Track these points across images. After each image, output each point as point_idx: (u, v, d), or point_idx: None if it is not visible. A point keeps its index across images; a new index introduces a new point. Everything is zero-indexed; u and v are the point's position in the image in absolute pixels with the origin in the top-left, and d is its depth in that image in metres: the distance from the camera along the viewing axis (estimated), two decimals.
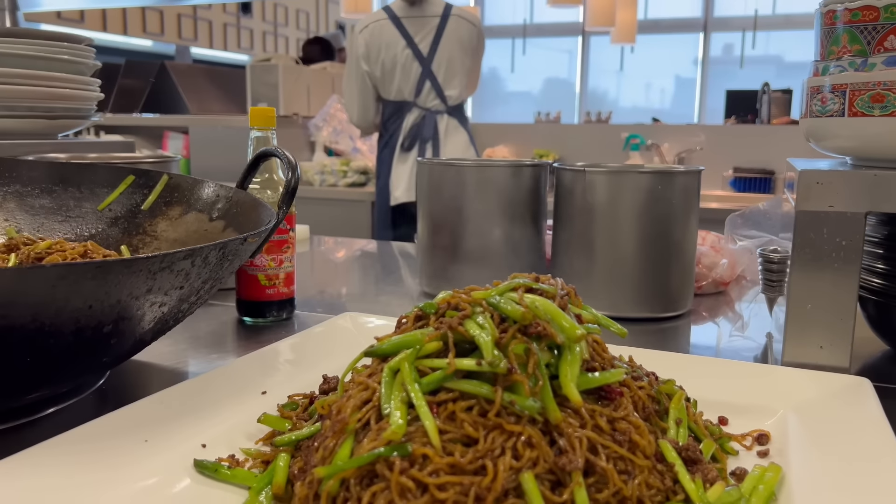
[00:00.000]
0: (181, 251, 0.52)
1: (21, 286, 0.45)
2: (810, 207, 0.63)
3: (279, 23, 7.47)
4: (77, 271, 0.47)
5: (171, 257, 0.52)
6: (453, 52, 2.56)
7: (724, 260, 1.12)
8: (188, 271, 0.55)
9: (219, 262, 0.59)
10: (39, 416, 0.60)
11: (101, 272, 0.48)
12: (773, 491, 0.46)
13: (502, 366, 0.40)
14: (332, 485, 0.38)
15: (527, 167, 1.05)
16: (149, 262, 0.50)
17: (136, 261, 0.50)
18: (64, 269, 0.47)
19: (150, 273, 0.51)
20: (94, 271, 0.48)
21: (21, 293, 0.46)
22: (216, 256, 0.57)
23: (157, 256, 0.51)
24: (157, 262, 0.51)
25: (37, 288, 0.46)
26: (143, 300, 0.53)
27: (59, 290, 0.47)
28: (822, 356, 0.65)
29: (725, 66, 7.60)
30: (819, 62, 0.70)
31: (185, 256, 0.53)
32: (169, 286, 0.54)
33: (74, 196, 0.88)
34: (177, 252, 0.52)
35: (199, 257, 0.55)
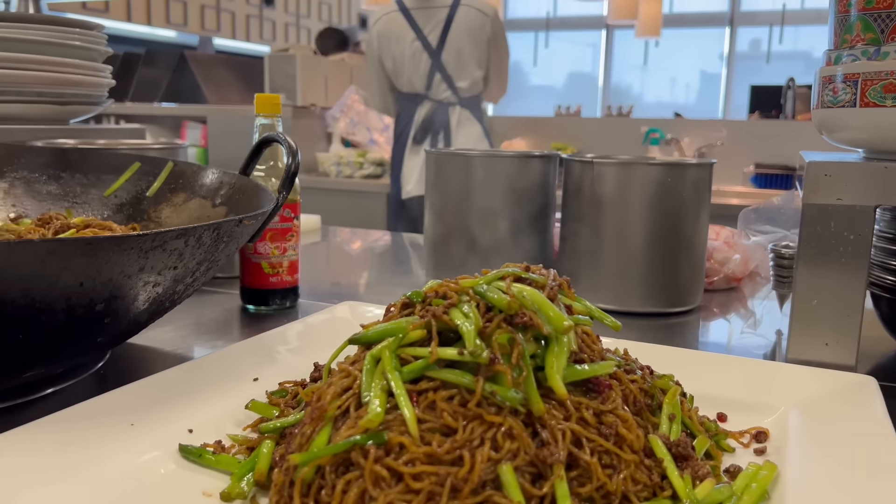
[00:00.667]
0: (173, 230, 0.52)
1: (10, 260, 0.45)
2: (818, 200, 0.61)
3: (301, 14, 7.48)
4: (67, 247, 0.47)
5: (162, 236, 0.51)
6: (462, 43, 2.52)
7: (737, 255, 1.10)
8: (181, 251, 0.55)
9: (213, 243, 0.58)
10: (38, 397, 0.60)
11: (92, 249, 0.48)
12: (767, 490, 0.45)
13: (484, 355, 0.39)
14: (306, 472, 0.37)
15: (535, 158, 1.03)
16: (140, 240, 0.50)
17: (127, 238, 0.49)
18: (54, 244, 0.47)
19: (141, 251, 0.51)
20: (84, 248, 0.48)
21: (10, 267, 0.45)
22: (210, 237, 0.57)
23: (148, 234, 0.50)
24: (148, 241, 0.51)
25: (26, 263, 0.46)
26: (136, 279, 0.53)
27: (50, 266, 0.47)
28: (827, 353, 0.63)
29: (752, 61, 7.50)
30: (832, 51, 0.68)
31: (177, 236, 0.53)
32: (162, 266, 0.54)
33: (81, 182, 0.88)
34: (169, 231, 0.52)
35: (192, 237, 0.54)
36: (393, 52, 2.64)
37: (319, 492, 0.37)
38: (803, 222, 0.62)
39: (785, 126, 3.16)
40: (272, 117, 0.92)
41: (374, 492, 0.35)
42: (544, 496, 0.38)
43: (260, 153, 0.83)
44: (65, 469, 0.43)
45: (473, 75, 2.56)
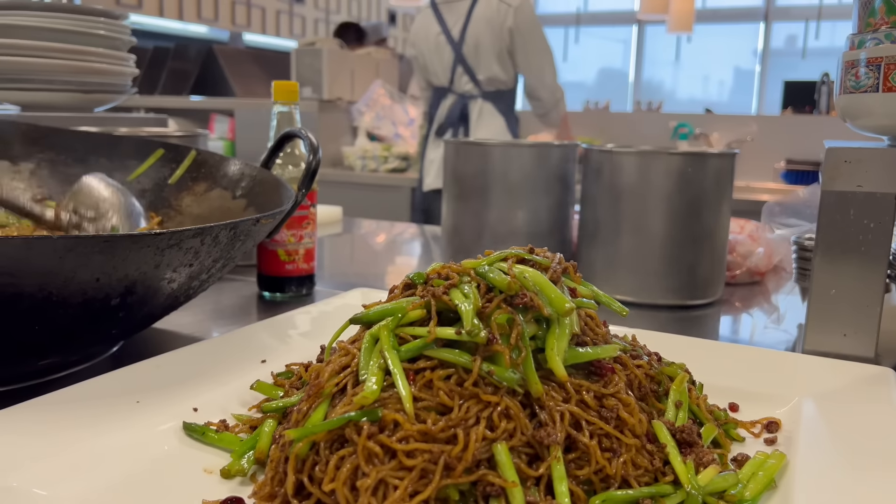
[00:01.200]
0: (190, 229, 0.52)
1: (28, 255, 0.46)
2: (837, 188, 0.59)
3: (331, 10, 7.52)
4: (84, 244, 0.47)
5: (179, 235, 0.51)
6: (481, 34, 2.49)
7: (761, 249, 1.08)
8: (198, 249, 0.55)
9: (230, 241, 0.58)
10: (53, 378, 0.61)
11: (109, 246, 0.48)
12: (773, 478, 0.44)
13: (482, 335, 0.39)
14: (301, 447, 0.37)
15: (554, 148, 1.02)
16: (157, 239, 0.50)
17: (143, 237, 0.50)
18: (72, 241, 0.47)
19: (157, 249, 0.51)
20: (101, 245, 0.48)
21: (28, 262, 0.46)
22: (227, 236, 0.57)
23: (165, 233, 0.50)
24: (165, 239, 0.51)
25: (44, 258, 0.47)
26: (152, 276, 0.53)
27: (67, 262, 0.47)
28: (845, 345, 0.61)
29: (787, 57, 7.36)
30: (855, 35, 0.66)
31: (194, 235, 0.53)
32: (178, 263, 0.54)
33: (105, 167, 0.89)
34: (185, 230, 0.52)
35: (209, 236, 0.55)
36: (421, 46, 2.65)
37: (314, 467, 0.37)
38: (822, 210, 0.60)
39: (818, 121, 3.09)
40: (290, 104, 0.92)
41: (367, 468, 0.35)
42: (540, 477, 0.37)
43: (282, 147, 0.83)
44: (69, 443, 0.44)
45: (492, 68, 2.53)
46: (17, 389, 0.58)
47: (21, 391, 0.58)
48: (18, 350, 0.53)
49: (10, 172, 0.87)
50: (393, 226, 1.66)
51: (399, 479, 0.35)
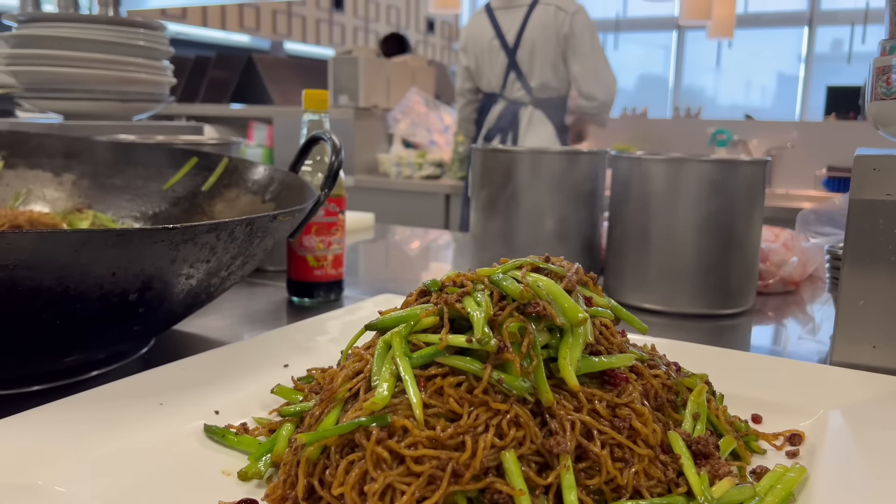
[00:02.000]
0: (204, 224, 0.53)
1: (44, 249, 0.47)
2: (866, 196, 0.58)
3: (370, 18, 7.59)
4: (98, 238, 0.49)
5: (193, 230, 0.53)
6: (536, 40, 2.50)
7: (794, 258, 1.06)
8: (213, 245, 0.56)
9: (247, 238, 0.59)
10: (83, 378, 0.62)
11: (122, 240, 0.50)
12: (792, 492, 0.43)
13: (492, 343, 0.39)
14: (312, 451, 0.38)
15: (583, 155, 1.02)
16: (170, 234, 0.52)
17: (156, 231, 0.51)
18: (85, 234, 0.48)
19: (172, 244, 0.52)
20: (115, 239, 0.50)
21: (45, 255, 0.48)
22: (243, 232, 0.58)
23: (178, 228, 0.52)
24: (178, 234, 0.52)
25: (60, 252, 0.48)
26: (168, 270, 0.55)
27: (82, 256, 0.49)
28: (874, 356, 0.60)
29: (832, 62, 7.21)
30: (887, 41, 0.64)
31: (208, 230, 0.54)
32: (195, 259, 0.55)
33: (142, 176, 0.92)
34: (200, 225, 0.53)
35: (224, 231, 0.56)
36: (474, 51, 2.67)
37: (324, 471, 0.38)
38: (850, 219, 0.59)
39: (861, 127, 3.02)
40: (320, 112, 0.93)
41: (375, 473, 0.36)
42: (549, 486, 0.37)
43: (308, 151, 0.84)
44: (93, 443, 0.45)
45: (545, 75, 2.53)
46: (48, 389, 0.60)
47: (51, 391, 0.60)
48: (42, 346, 0.55)
49: (54, 183, 0.90)
50: (428, 232, 1.67)
51: (406, 484, 0.35)
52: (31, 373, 0.59)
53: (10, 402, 0.53)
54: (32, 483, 0.41)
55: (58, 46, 1.08)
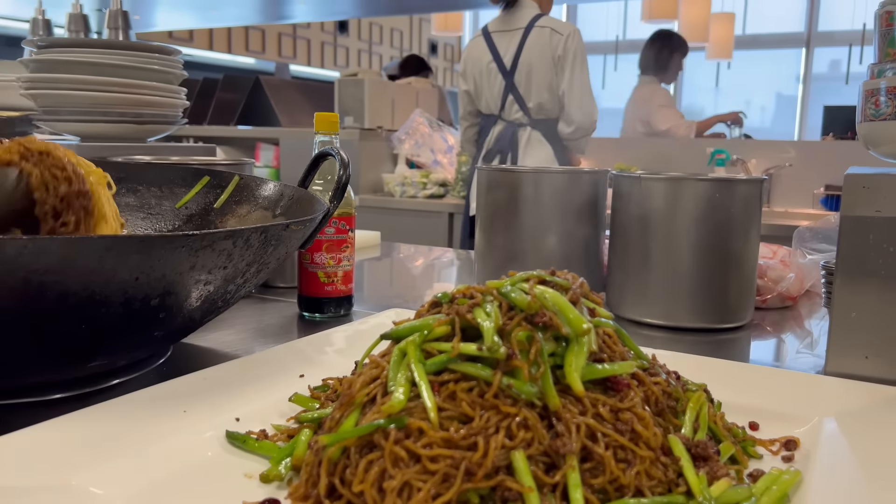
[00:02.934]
0: (222, 231, 0.56)
1: (71, 254, 0.50)
2: (856, 213, 0.61)
3: (374, 41, 7.69)
4: (122, 243, 0.52)
5: (211, 236, 0.55)
6: (532, 63, 2.55)
7: (791, 274, 1.08)
8: (230, 252, 0.59)
9: (262, 245, 0.62)
10: (105, 387, 0.65)
11: (145, 246, 0.53)
12: (787, 493, 0.45)
13: (501, 351, 0.42)
14: (333, 451, 0.40)
15: (585, 174, 1.05)
16: (190, 240, 0.54)
17: (177, 237, 0.54)
18: (110, 240, 0.51)
19: (191, 250, 0.55)
20: (138, 245, 0.52)
21: (72, 260, 0.50)
22: (258, 239, 0.61)
23: (197, 234, 0.54)
24: (198, 240, 0.55)
25: (86, 257, 0.51)
26: (188, 276, 0.57)
27: (107, 261, 0.52)
28: (867, 367, 0.62)
29: (830, 82, 7.27)
30: (875, 65, 0.68)
31: (226, 236, 0.57)
32: (212, 265, 0.58)
33: (156, 195, 0.95)
34: (217, 231, 0.56)
35: (240, 238, 0.59)
36: (473, 74, 2.72)
37: (345, 471, 0.40)
38: (841, 234, 0.62)
39: (859, 147, 3.05)
40: (330, 134, 0.97)
41: (393, 471, 0.38)
42: (556, 485, 0.40)
43: (317, 167, 0.87)
44: (123, 447, 0.48)
45: (542, 96, 2.58)
46: (70, 397, 0.62)
47: (73, 399, 0.62)
48: (68, 351, 0.57)
49: None
50: (431, 250, 1.70)
51: (423, 481, 0.38)
52: (55, 379, 0.62)
53: (34, 410, 0.55)
54: (67, 483, 0.43)
55: (76, 71, 1.12)
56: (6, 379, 0.59)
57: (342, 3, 4.92)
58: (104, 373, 0.65)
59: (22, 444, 0.46)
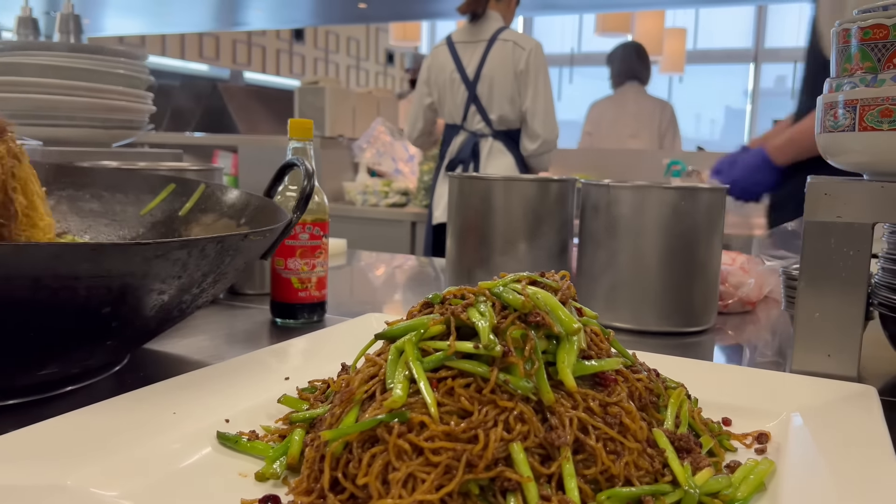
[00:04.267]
0: (176, 241, 0.55)
1: (19, 261, 0.49)
2: (818, 218, 0.64)
3: (330, 49, 7.67)
4: (72, 251, 0.51)
5: (165, 246, 0.54)
6: (495, 75, 2.59)
7: (751, 280, 1.13)
8: (185, 261, 0.57)
9: (218, 255, 0.61)
10: (58, 393, 0.63)
11: (96, 254, 0.52)
12: (763, 481, 0.48)
13: (497, 349, 0.43)
14: (336, 447, 0.41)
15: (553, 182, 1.08)
16: (143, 249, 0.53)
17: (131, 246, 0.53)
18: (58, 248, 0.50)
19: (144, 259, 0.54)
20: (88, 253, 0.51)
21: (20, 267, 0.49)
22: (214, 249, 0.60)
23: (151, 244, 0.53)
24: (151, 250, 0.54)
25: (35, 264, 0.50)
26: (140, 286, 0.56)
27: (57, 268, 0.50)
28: (829, 365, 0.66)
29: (777, 97, 7.52)
30: (833, 79, 0.71)
31: (180, 246, 0.56)
32: (166, 275, 0.57)
33: (121, 201, 0.94)
34: (172, 241, 0.55)
35: (195, 248, 0.57)
36: (437, 83, 2.75)
37: (347, 465, 0.41)
38: (805, 239, 0.65)
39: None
40: (304, 141, 0.97)
41: (397, 463, 0.39)
42: (552, 475, 0.41)
43: (283, 176, 0.88)
44: (117, 448, 0.48)
45: (503, 108, 2.62)
46: (25, 403, 0.60)
47: (28, 405, 0.60)
48: (18, 358, 0.56)
49: None
50: (394, 258, 1.71)
51: (426, 473, 0.39)
52: (6, 386, 0.60)
53: None
54: (63, 484, 0.43)
55: (41, 74, 1.10)
56: None
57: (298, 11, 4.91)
58: (59, 379, 0.63)
59: (14, 444, 0.46)
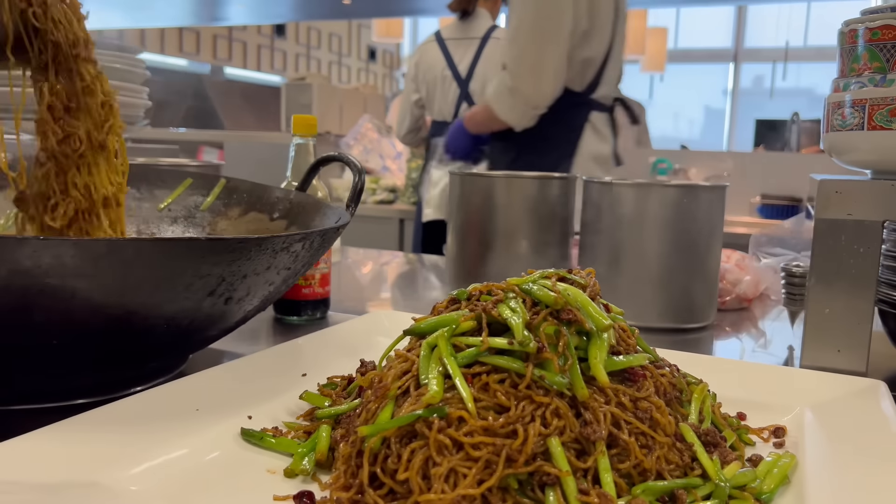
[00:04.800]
0: (297, 234, 0.57)
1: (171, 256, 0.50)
2: (829, 216, 0.65)
3: (312, 45, 7.62)
4: (216, 246, 0.52)
5: (290, 238, 0.57)
6: (488, 74, 2.59)
7: (748, 277, 1.14)
8: (298, 253, 0.59)
9: (320, 247, 0.64)
10: (126, 394, 0.63)
11: (242, 245, 0.53)
12: (787, 475, 0.48)
13: (532, 346, 0.43)
14: (374, 442, 0.41)
15: (555, 180, 1.08)
16: (273, 241, 0.55)
17: (265, 239, 0.54)
18: (209, 243, 0.51)
19: (273, 252, 0.56)
20: (235, 245, 0.52)
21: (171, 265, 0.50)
22: (318, 241, 0.62)
23: (281, 236, 0.55)
24: (280, 242, 0.56)
25: (188, 257, 0.51)
26: (261, 278, 0.58)
27: (203, 265, 0.52)
28: (839, 360, 0.67)
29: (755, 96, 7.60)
30: (840, 79, 0.73)
31: (300, 238, 0.58)
32: (282, 266, 0.59)
33: (134, 196, 0.93)
34: (294, 234, 0.57)
35: (307, 241, 0.60)
36: (426, 79, 2.73)
37: (385, 460, 0.41)
38: (816, 236, 0.66)
39: (790, 158, 3.22)
40: (308, 137, 0.97)
41: (438, 458, 0.39)
42: (588, 469, 0.42)
43: (318, 170, 0.88)
44: (147, 445, 0.48)
45: None
46: (95, 402, 0.60)
47: (97, 404, 0.60)
48: (127, 355, 0.58)
49: None
50: (384, 254, 1.71)
51: (467, 468, 0.39)
52: (126, 375, 0.61)
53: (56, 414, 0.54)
54: (99, 481, 0.43)
55: None
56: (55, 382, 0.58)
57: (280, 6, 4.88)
58: (129, 378, 0.64)
59: (45, 441, 0.45)
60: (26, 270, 0.44)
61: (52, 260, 0.44)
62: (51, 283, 0.45)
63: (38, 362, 0.52)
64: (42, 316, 0.47)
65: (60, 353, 0.52)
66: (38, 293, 0.45)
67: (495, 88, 1.94)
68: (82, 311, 0.48)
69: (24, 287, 0.45)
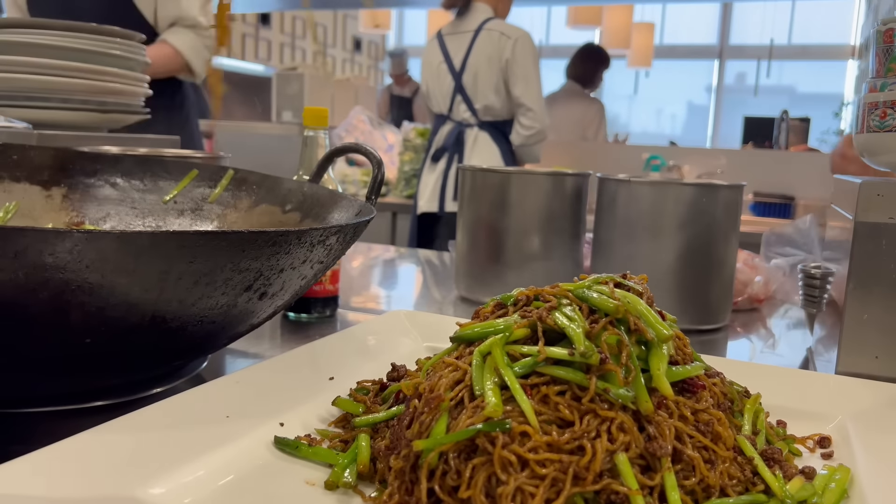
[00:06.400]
0: (332, 226, 0.55)
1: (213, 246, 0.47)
2: (870, 219, 0.64)
3: (297, 35, 7.55)
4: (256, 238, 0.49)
5: (325, 231, 0.54)
6: (480, 65, 2.59)
7: (759, 277, 1.13)
8: (332, 247, 0.57)
9: (350, 240, 0.62)
10: (147, 395, 0.60)
11: (282, 238, 0.51)
12: (846, 489, 0.47)
13: (595, 357, 0.41)
14: (432, 457, 0.39)
15: (569, 177, 1.06)
16: (311, 234, 0.53)
17: (304, 231, 0.52)
18: (247, 235, 0.49)
19: (310, 245, 0.54)
20: (276, 238, 0.50)
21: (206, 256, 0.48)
22: (351, 234, 0.60)
23: (319, 229, 0.53)
24: (317, 235, 0.54)
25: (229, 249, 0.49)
26: (297, 271, 0.56)
27: (242, 258, 0.50)
28: (877, 367, 0.65)
29: (739, 94, 7.64)
30: (876, 79, 0.71)
31: (335, 231, 0.56)
32: (315, 259, 0.57)
33: (138, 188, 0.89)
34: (330, 227, 0.55)
35: (342, 234, 0.58)
36: (426, 74, 2.77)
37: (443, 476, 0.39)
38: (855, 240, 0.65)
39: (780, 156, 3.23)
40: (318, 129, 0.94)
41: (503, 476, 0.37)
42: (654, 487, 0.40)
43: (331, 162, 0.85)
44: (177, 455, 0.45)
45: (489, 98, 2.61)
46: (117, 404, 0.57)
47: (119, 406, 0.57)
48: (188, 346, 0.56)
49: (42, 198, 0.86)
50: (392, 250, 1.68)
51: (534, 486, 0.37)
52: (149, 376, 0.59)
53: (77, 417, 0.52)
54: (132, 494, 0.40)
55: (33, 54, 1.05)
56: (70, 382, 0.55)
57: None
58: (148, 379, 0.61)
59: (73, 451, 0.42)
60: (64, 266, 0.41)
61: (94, 255, 0.41)
62: (90, 279, 0.42)
63: (66, 365, 0.49)
64: (78, 315, 0.44)
65: (90, 354, 0.49)
66: (76, 290, 0.42)
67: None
68: (118, 309, 0.45)
69: (63, 282, 0.42)
